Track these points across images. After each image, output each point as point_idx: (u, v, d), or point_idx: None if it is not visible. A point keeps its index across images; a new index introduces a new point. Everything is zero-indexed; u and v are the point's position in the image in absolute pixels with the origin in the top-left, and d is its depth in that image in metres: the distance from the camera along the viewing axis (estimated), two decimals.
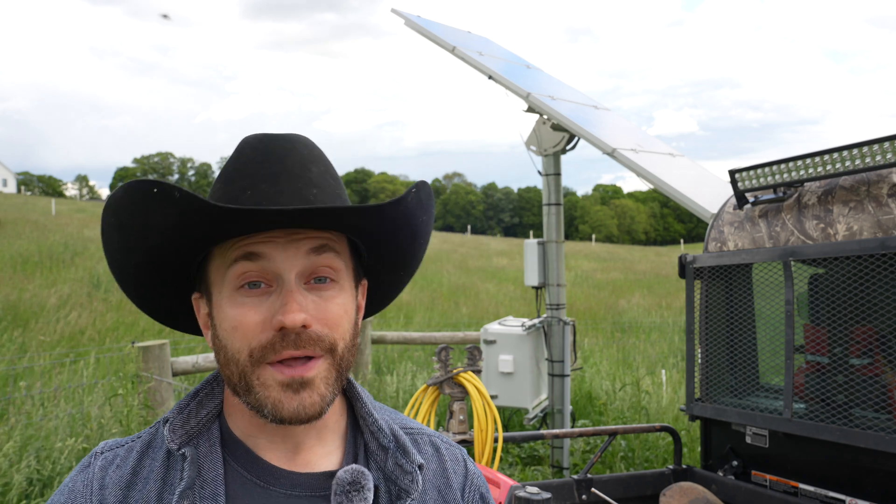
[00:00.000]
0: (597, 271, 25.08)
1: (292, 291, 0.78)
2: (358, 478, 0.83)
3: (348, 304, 0.84)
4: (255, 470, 0.85)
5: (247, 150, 0.84)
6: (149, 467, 0.84)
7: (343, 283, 0.84)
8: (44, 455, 4.12)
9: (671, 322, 13.83)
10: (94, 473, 0.84)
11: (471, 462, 1.01)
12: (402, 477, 0.88)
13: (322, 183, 0.83)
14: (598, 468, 5.37)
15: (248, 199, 0.79)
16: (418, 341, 8.04)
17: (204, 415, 0.87)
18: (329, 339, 0.80)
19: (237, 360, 0.79)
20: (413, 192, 0.83)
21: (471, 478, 0.98)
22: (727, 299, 2.97)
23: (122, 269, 0.85)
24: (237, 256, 0.79)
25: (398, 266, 0.96)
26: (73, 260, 14.60)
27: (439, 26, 6.00)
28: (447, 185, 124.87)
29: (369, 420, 0.92)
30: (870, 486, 2.41)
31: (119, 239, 0.81)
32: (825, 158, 2.50)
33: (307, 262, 0.80)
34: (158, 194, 0.73)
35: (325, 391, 0.80)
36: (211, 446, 0.84)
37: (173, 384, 5.16)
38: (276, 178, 0.80)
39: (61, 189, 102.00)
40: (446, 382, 3.19)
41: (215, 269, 0.82)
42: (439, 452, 0.97)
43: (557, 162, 5.48)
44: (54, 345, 7.90)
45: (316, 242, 0.80)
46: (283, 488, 0.84)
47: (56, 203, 32.93)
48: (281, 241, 0.79)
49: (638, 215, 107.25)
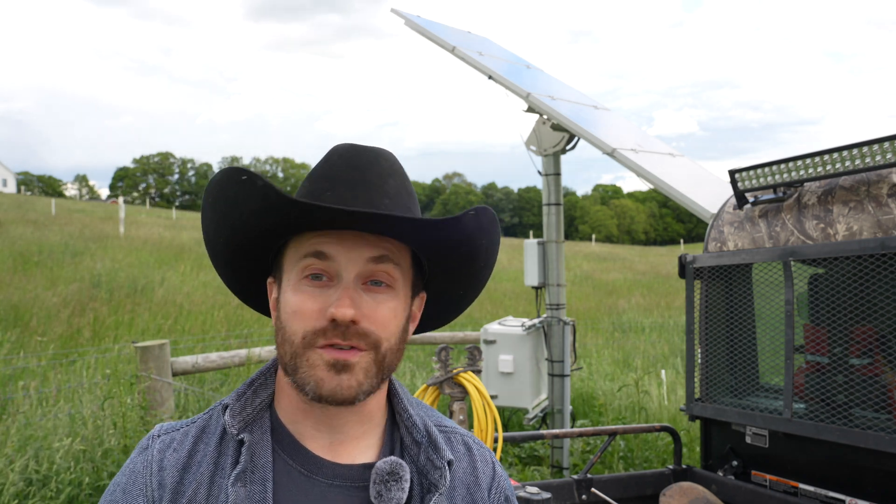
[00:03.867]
0: (596, 271, 25.08)
1: (348, 289, 0.86)
2: (396, 469, 0.89)
3: (399, 310, 0.90)
4: (299, 458, 0.90)
5: (335, 156, 0.92)
6: (202, 451, 0.90)
7: (398, 290, 0.90)
8: (42, 455, 4.11)
9: (671, 322, 13.83)
10: (154, 455, 0.89)
11: (499, 465, 1.06)
12: (433, 472, 0.93)
13: (395, 195, 0.90)
14: (597, 468, 5.37)
15: (325, 199, 0.87)
16: (418, 341, 8.05)
17: (258, 403, 0.93)
18: (375, 336, 0.86)
19: (292, 342, 0.86)
20: (471, 215, 0.89)
21: (498, 479, 1.03)
22: (727, 299, 2.97)
23: (213, 244, 0.95)
24: (307, 253, 0.87)
25: (458, 283, 1.01)
26: (72, 260, 14.60)
27: (439, 26, 5.99)
28: (447, 185, 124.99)
29: (405, 416, 0.98)
30: (870, 486, 2.41)
31: (212, 216, 0.91)
32: (825, 158, 2.50)
33: (367, 268, 0.87)
34: (246, 182, 0.83)
35: (363, 379, 0.86)
36: (263, 434, 0.90)
37: (173, 384, 5.16)
38: (355, 184, 0.88)
39: (61, 189, 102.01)
40: (446, 382, 3.19)
41: (289, 259, 0.90)
42: (471, 452, 1.02)
43: (557, 162, 5.47)
44: (49, 344, 7.89)
45: (377, 252, 0.87)
46: (325, 478, 0.89)
47: (56, 203, 32.93)
48: (348, 244, 0.86)
49: (637, 215, 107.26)
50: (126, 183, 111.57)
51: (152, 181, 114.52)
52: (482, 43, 6.30)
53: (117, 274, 13.25)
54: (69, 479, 3.91)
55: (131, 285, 12.32)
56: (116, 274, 13.23)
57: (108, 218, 26.17)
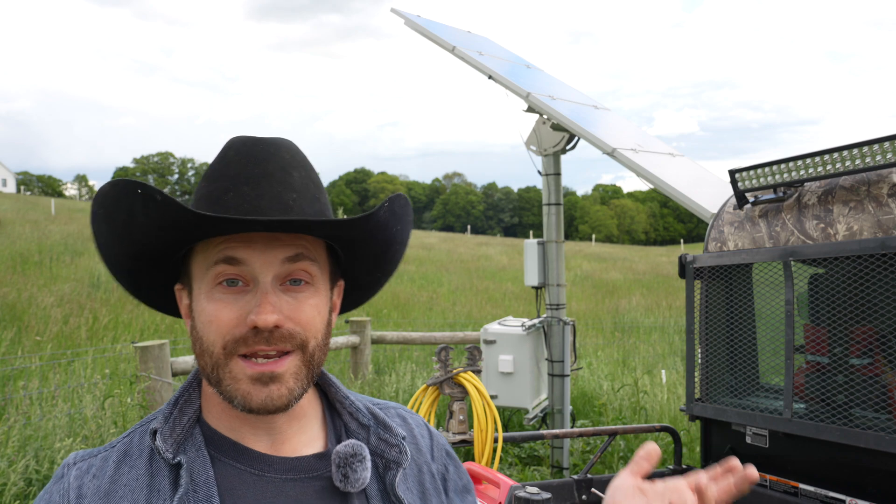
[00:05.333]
0: (596, 271, 25.08)
1: (267, 293, 0.81)
2: (357, 450, 0.88)
3: (322, 305, 0.88)
4: (246, 460, 0.87)
5: (231, 151, 0.86)
6: (128, 475, 0.84)
7: (318, 285, 0.87)
8: (42, 455, 4.11)
9: (671, 322, 13.83)
10: (70, 483, 0.84)
11: (430, 426, 1.07)
12: (389, 450, 0.93)
13: (302, 188, 0.86)
14: (597, 468, 5.37)
15: (229, 200, 0.82)
16: (418, 341, 8.04)
17: (186, 421, 0.88)
18: (301, 337, 0.84)
19: (211, 352, 0.83)
20: (385, 206, 0.87)
21: (435, 438, 1.05)
22: (727, 299, 2.97)
23: (109, 256, 0.89)
24: (218, 259, 0.82)
25: (375, 269, 0.99)
26: (72, 260, 14.60)
27: (439, 26, 5.99)
28: (447, 185, 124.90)
29: (346, 402, 0.97)
30: (870, 486, 2.41)
31: (107, 230, 0.85)
32: (825, 158, 2.50)
33: (283, 268, 0.83)
34: (144, 196, 0.78)
35: (293, 385, 0.84)
36: (197, 450, 0.86)
37: (173, 384, 5.16)
38: (258, 180, 0.83)
39: (61, 189, 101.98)
40: (446, 382, 3.19)
41: (197, 265, 0.85)
42: (406, 422, 1.03)
43: (557, 162, 5.47)
44: (47, 344, 7.89)
45: (292, 251, 0.84)
46: (278, 473, 0.87)
47: (56, 203, 32.93)
48: (259, 246, 0.82)
49: (638, 215, 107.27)
50: None
51: (152, 181, 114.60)
52: (482, 43, 6.30)
53: None
54: None
55: None
56: None
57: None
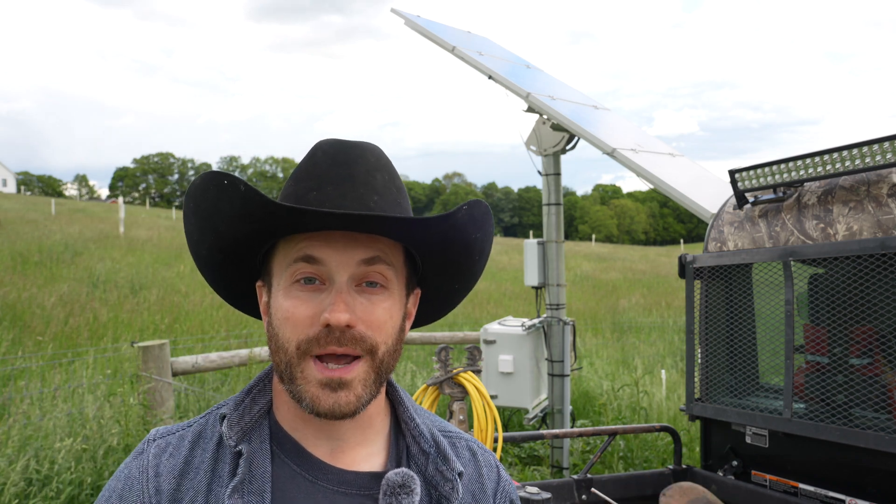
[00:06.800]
0: (596, 271, 25.07)
1: (342, 292, 0.83)
2: (408, 481, 0.87)
3: (395, 310, 0.88)
4: (303, 464, 0.88)
5: (318, 153, 0.88)
6: (199, 457, 0.87)
7: (393, 290, 0.87)
8: (42, 455, 4.11)
9: (670, 322, 13.83)
10: (149, 460, 0.87)
11: (503, 468, 1.05)
12: (443, 484, 0.91)
13: (384, 191, 0.87)
14: (597, 468, 5.37)
15: (312, 200, 0.84)
16: (418, 341, 8.04)
17: (256, 411, 0.90)
18: (371, 341, 0.84)
19: (286, 350, 0.84)
20: (464, 209, 0.87)
21: (503, 484, 1.02)
22: (727, 299, 2.97)
23: (198, 251, 0.92)
24: (297, 257, 0.84)
25: (453, 278, 0.98)
26: (72, 260, 14.60)
27: (439, 26, 5.99)
28: (447, 185, 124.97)
29: (411, 424, 0.95)
30: (870, 486, 2.41)
31: (195, 222, 0.88)
32: (825, 158, 2.50)
33: (359, 270, 0.84)
34: (228, 186, 0.81)
35: (361, 392, 0.84)
36: (261, 442, 0.88)
37: (173, 384, 5.15)
38: (342, 182, 0.85)
39: (61, 189, 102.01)
40: (446, 382, 3.19)
41: (278, 263, 0.87)
42: (476, 458, 1.01)
43: (557, 162, 5.48)
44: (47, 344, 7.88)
45: (369, 253, 0.84)
46: (330, 484, 0.87)
47: (56, 203, 32.91)
48: (338, 246, 0.83)
49: (637, 215, 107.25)
50: (126, 183, 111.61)
51: (152, 181, 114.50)
52: (482, 43, 6.30)
53: (117, 274, 13.25)
54: (70, 479, 3.91)
55: (131, 285, 12.32)
56: (116, 274, 13.24)
57: (108, 218, 26.17)
